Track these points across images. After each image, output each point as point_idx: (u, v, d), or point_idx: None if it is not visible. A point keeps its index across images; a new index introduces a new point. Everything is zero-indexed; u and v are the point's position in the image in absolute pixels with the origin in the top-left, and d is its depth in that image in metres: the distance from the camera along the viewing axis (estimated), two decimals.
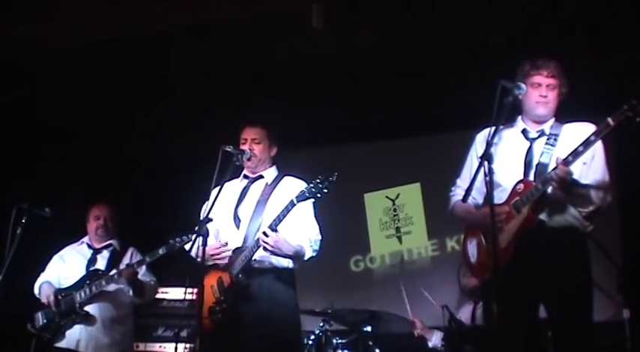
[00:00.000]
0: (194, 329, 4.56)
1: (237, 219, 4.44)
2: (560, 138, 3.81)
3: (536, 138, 3.88)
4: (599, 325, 4.49)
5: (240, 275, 4.23)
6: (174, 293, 6.84)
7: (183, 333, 6.30)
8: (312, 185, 4.05)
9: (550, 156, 3.75)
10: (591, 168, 3.72)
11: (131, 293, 5.34)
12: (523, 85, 3.70)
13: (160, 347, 6.70)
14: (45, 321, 5.30)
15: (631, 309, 5.38)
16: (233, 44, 6.31)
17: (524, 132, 3.91)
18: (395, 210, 7.50)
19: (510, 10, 5.76)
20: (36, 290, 5.41)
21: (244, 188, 4.54)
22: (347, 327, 5.86)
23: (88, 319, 5.24)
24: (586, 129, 3.73)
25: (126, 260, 5.43)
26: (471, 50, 6.35)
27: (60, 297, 5.30)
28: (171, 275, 6.58)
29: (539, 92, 3.82)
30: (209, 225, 4.05)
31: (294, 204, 4.09)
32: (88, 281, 5.29)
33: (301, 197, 4.07)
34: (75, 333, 5.25)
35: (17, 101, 6.67)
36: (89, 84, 6.82)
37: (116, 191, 7.10)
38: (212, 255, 4.27)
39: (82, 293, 5.25)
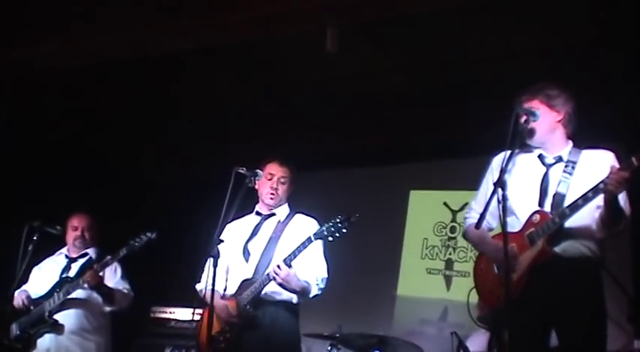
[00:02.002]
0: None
1: (246, 253, 4.48)
2: (578, 165, 3.73)
3: (553, 164, 3.80)
4: None
5: (248, 307, 4.25)
6: (179, 313, 6.85)
7: None
8: (331, 224, 4.09)
9: (567, 185, 3.69)
10: None
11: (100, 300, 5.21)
12: (537, 112, 3.68)
13: None
14: (18, 332, 5.22)
15: None
16: (245, 66, 6.34)
17: (540, 157, 3.84)
18: (453, 229, 7.11)
19: (523, 36, 5.76)
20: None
21: (257, 224, 4.58)
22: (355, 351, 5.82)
23: (56, 328, 5.15)
24: (604, 157, 3.69)
25: (99, 268, 5.21)
26: (483, 76, 6.35)
27: (31, 306, 5.23)
28: (177, 296, 6.62)
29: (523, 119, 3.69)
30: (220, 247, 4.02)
31: (312, 241, 4.13)
32: (57, 290, 5.20)
33: (319, 235, 4.12)
34: (45, 342, 5.15)
35: (28, 121, 6.72)
36: (101, 105, 6.87)
37: (125, 213, 7.13)
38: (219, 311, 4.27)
39: (52, 301, 5.17)
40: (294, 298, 4.37)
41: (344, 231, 4.07)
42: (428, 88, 6.64)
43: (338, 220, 4.08)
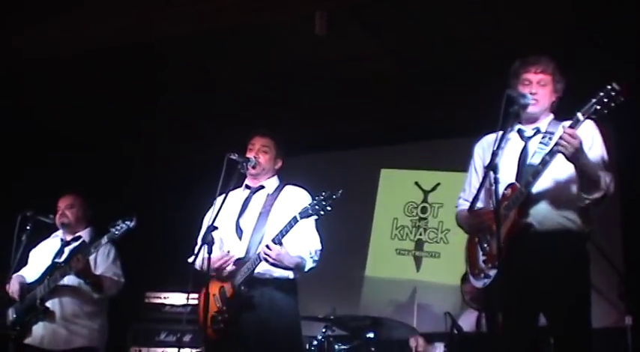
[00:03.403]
0: (198, 337, 4.59)
1: (239, 230, 4.45)
2: (555, 136, 3.61)
3: (532, 136, 3.77)
4: (600, 331, 4.52)
5: (242, 287, 4.24)
6: (174, 298, 6.85)
7: (186, 338, 6.31)
8: (315, 202, 4.06)
9: (541, 156, 3.59)
10: (591, 154, 3.55)
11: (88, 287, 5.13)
12: (529, 95, 3.68)
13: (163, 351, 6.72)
14: (14, 316, 5.17)
15: (633, 316, 5.39)
16: (235, 49, 6.33)
17: (519, 132, 3.82)
18: (424, 209, 7.12)
19: (515, 18, 5.78)
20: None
21: (246, 198, 4.54)
22: (349, 333, 5.86)
23: (47, 314, 5.07)
24: (584, 126, 3.55)
25: (82, 256, 5.03)
26: (474, 58, 6.35)
27: (25, 293, 5.17)
28: (172, 281, 6.64)
29: (529, 89, 3.72)
30: (214, 234, 4.06)
31: (297, 221, 4.10)
32: (48, 276, 5.11)
33: (304, 214, 4.08)
34: (39, 329, 5.09)
35: (18, 107, 6.68)
36: (92, 90, 6.83)
37: (117, 197, 7.11)
38: (217, 268, 4.26)
39: (42, 288, 5.07)
40: (290, 274, 4.36)
41: (329, 208, 4.03)
42: (417, 70, 6.65)
43: (322, 198, 4.04)
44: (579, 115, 3.39)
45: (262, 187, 4.56)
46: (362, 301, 7.02)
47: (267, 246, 4.14)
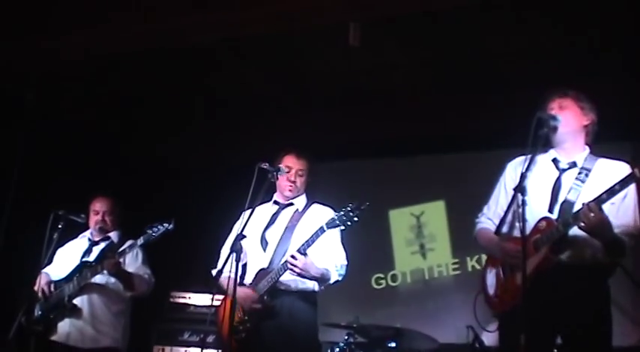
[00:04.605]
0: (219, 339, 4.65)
1: (264, 242, 4.53)
2: (591, 174, 3.68)
3: (567, 169, 3.77)
4: (623, 350, 4.52)
5: (265, 297, 4.31)
6: (199, 298, 6.93)
7: (209, 339, 6.36)
8: (342, 213, 4.11)
9: (578, 193, 3.64)
10: (621, 210, 3.57)
11: (120, 286, 5.22)
12: (559, 116, 3.67)
13: (186, 351, 6.77)
14: (40, 313, 5.26)
15: None
16: (269, 58, 6.37)
17: (554, 161, 3.81)
18: (419, 227, 7.47)
19: (542, 32, 5.77)
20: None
21: (274, 213, 4.63)
22: (371, 342, 5.89)
23: (74, 312, 5.17)
24: (620, 168, 3.63)
25: (117, 256, 5.19)
26: (502, 71, 6.36)
27: (52, 290, 5.28)
28: (197, 281, 6.70)
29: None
30: (242, 242, 4.09)
31: (324, 231, 4.16)
32: (77, 274, 5.23)
33: (331, 224, 4.14)
34: (65, 326, 5.18)
35: (53, 109, 6.76)
36: (129, 93, 6.91)
37: (146, 198, 7.22)
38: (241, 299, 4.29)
39: (71, 286, 5.20)
40: (315, 285, 4.41)
41: (355, 219, 4.08)
42: (447, 82, 6.66)
43: (349, 209, 4.09)
44: (637, 172, 3.33)
45: (291, 204, 4.65)
46: (384, 310, 7.06)
47: (293, 256, 4.19)
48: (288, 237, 4.48)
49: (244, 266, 4.48)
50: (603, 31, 5.67)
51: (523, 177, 3.39)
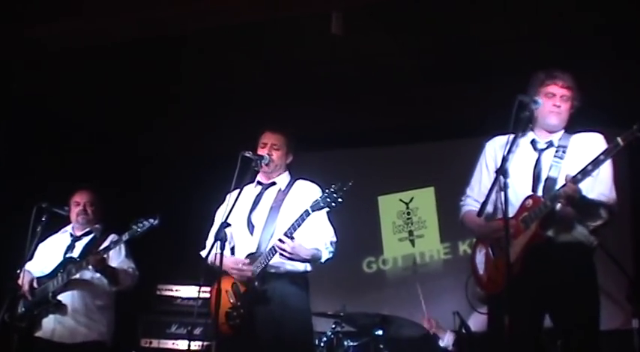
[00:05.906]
0: (209, 330, 4.62)
1: (250, 226, 4.49)
2: (568, 150, 3.80)
3: (545, 149, 3.87)
4: (607, 333, 4.54)
5: (256, 282, 4.27)
6: (186, 290, 6.92)
7: (197, 331, 6.34)
8: (326, 194, 4.07)
9: (559, 169, 3.75)
10: (597, 181, 3.68)
11: (105, 281, 5.18)
12: (540, 100, 3.73)
13: (173, 344, 6.77)
14: (23, 309, 5.22)
15: None
16: (251, 46, 6.34)
17: (532, 142, 3.90)
18: (408, 213, 7.48)
19: (527, 21, 5.80)
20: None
21: (258, 194, 4.58)
22: (358, 330, 5.89)
23: (59, 308, 5.12)
24: (594, 139, 3.77)
25: (102, 252, 5.13)
26: (488, 59, 6.37)
27: (35, 286, 5.23)
28: (184, 273, 6.69)
29: (553, 102, 3.82)
30: (227, 230, 4.08)
31: (309, 214, 4.13)
32: (61, 270, 5.18)
33: (316, 206, 4.10)
34: (50, 322, 5.14)
35: (33, 100, 6.70)
36: (106, 83, 6.86)
37: (128, 189, 7.20)
38: (231, 268, 4.31)
39: (55, 282, 5.15)
40: (308, 266, 4.39)
41: (340, 200, 4.03)
42: (432, 70, 6.66)
43: (333, 190, 4.04)
44: (619, 140, 3.45)
45: (274, 183, 4.59)
46: (371, 298, 7.06)
47: (280, 240, 4.17)
48: (273, 218, 4.42)
49: (232, 249, 4.46)
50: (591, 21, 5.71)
51: (505, 159, 3.46)
